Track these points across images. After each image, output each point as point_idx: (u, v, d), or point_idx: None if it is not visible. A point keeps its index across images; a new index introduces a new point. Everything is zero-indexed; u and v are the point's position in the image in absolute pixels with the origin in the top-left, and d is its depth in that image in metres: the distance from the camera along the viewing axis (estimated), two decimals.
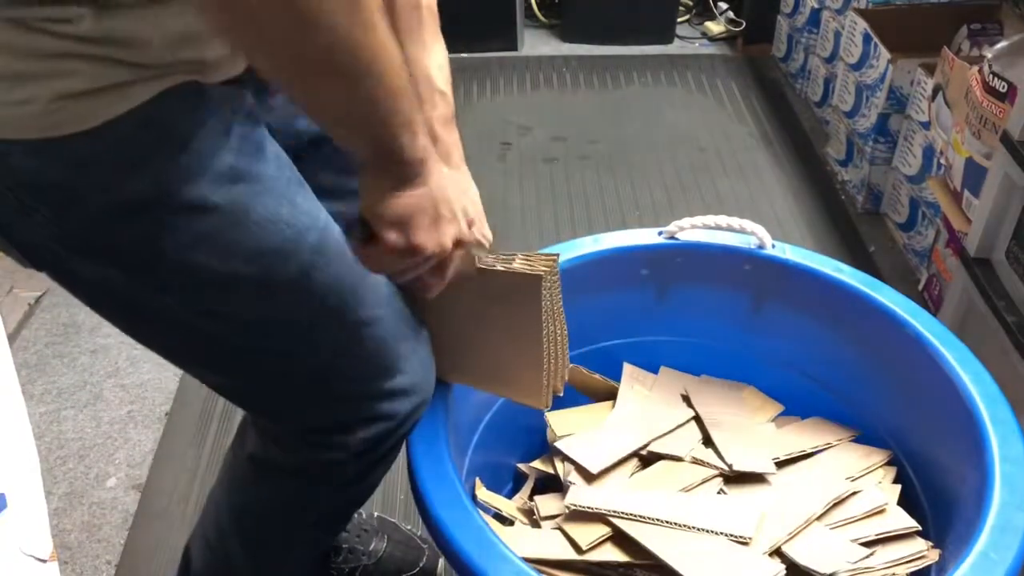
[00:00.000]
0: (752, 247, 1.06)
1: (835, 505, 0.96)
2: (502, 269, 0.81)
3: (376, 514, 1.27)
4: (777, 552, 0.92)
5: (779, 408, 1.12)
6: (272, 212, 0.71)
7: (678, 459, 1.03)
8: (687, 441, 1.05)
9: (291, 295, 0.74)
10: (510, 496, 1.08)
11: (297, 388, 0.81)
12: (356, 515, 1.25)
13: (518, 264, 0.81)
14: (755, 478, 1.01)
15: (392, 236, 0.71)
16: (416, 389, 0.84)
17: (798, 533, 0.93)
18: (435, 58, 0.79)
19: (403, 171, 0.68)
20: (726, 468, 1.01)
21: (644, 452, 1.04)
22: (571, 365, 1.11)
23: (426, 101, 0.76)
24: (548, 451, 1.09)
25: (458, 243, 0.75)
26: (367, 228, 0.72)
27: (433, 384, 0.87)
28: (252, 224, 0.70)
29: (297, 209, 0.73)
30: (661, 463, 1.03)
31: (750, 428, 1.08)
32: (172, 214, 0.67)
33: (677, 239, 1.07)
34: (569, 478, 1.00)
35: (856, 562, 0.90)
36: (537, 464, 1.08)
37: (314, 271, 0.74)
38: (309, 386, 0.80)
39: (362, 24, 0.58)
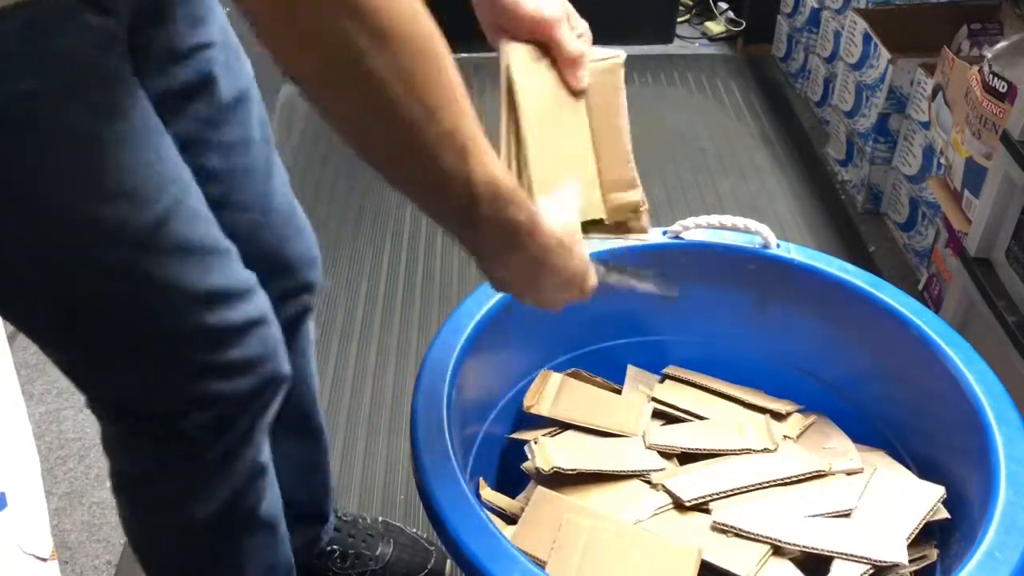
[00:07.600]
0: (757, 247, 1.06)
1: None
2: None
3: (380, 518, 1.26)
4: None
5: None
6: (137, 155, 0.67)
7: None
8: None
9: (139, 247, 0.69)
10: (514, 496, 1.08)
11: (128, 355, 0.75)
12: (360, 519, 1.24)
13: None
14: None
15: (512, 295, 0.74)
16: (257, 365, 0.78)
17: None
18: None
19: (490, 233, 0.67)
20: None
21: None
22: (572, 369, 1.11)
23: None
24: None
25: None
26: None
27: (283, 367, 0.81)
28: (116, 162, 0.66)
29: (162, 157, 0.70)
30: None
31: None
32: (34, 135, 0.62)
33: (682, 238, 1.07)
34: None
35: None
36: None
37: (166, 226, 0.69)
38: (140, 354, 0.75)
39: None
